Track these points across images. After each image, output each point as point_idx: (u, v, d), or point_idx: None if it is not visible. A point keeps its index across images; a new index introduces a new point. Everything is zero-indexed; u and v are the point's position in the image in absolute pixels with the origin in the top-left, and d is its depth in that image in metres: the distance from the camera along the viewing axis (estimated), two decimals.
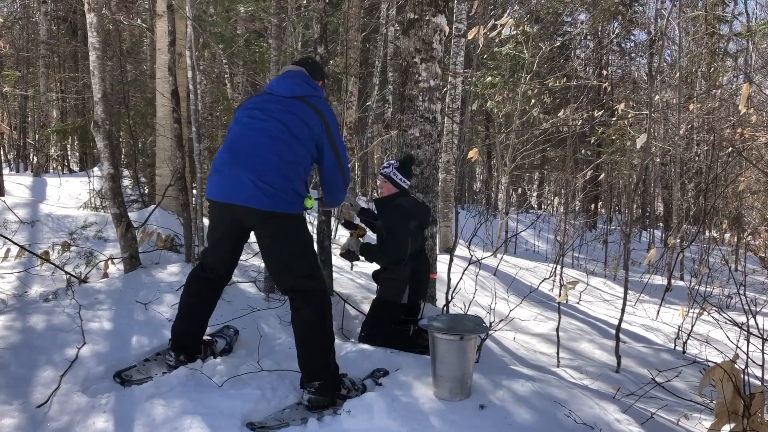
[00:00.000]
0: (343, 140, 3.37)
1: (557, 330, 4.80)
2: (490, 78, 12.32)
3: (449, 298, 4.52)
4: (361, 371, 3.29)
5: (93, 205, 7.77)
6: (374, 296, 4.47)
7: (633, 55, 20.95)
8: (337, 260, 5.63)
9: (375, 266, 4.29)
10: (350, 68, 9.71)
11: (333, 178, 3.30)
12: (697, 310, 5.55)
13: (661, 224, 19.06)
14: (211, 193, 3.07)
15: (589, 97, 12.88)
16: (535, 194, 23.98)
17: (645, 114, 11.67)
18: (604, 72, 17.50)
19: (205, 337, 3.45)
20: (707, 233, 12.80)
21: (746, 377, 2.59)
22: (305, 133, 3.07)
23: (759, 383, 3.06)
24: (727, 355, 4.03)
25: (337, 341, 3.73)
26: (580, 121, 12.96)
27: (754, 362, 3.22)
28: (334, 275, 4.92)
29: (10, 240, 4.79)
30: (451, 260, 4.83)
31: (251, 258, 5.31)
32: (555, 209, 21.46)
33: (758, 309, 3.93)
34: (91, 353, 3.34)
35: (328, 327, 3.04)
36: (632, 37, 21.20)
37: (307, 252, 3.09)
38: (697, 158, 14.21)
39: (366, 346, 3.69)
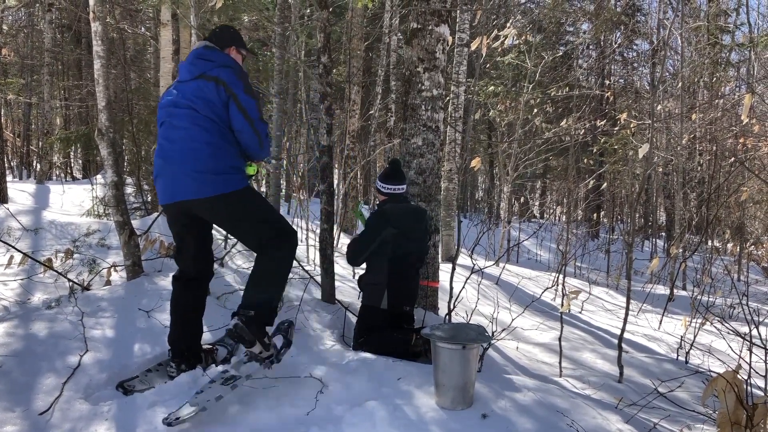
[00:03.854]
0: (258, 95, 3.28)
1: (559, 339, 4.79)
2: (492, 87, 12.35)
3: (451, 307, 4.51)
4: (361, 381, 3.25)
5: (96, 213, 7.78)
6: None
7: (635, 64, 20.99)
8: (339, 269, 5.64)
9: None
10: (353, 77, 9.75)
11: (248, 138, 3.15)
12: (699, 320, 5.53)
13: (663, 234, 19.04)
14: (161, 199, 3.16)
15: (591, 106, 12.91)
16: (537, 203, 23.99)
17: (647, 123, 11.69)
18: (607, 81, 17.55)
19: (206, 346, 3.46)
20: (710, 243, 12.78)
21: (749, 387, 2.59)
22: (214, 108, 3.06)
23: (761, 393, 3.06)
24: (729, 366, 4.02)
25: (338, 349, 3.74)
26: (583, 131, 12.98)
27: (756, 372, 3.21)
28: (336, 283, 4.92)
29: (13, 247, 4.80)
30: (454, 269, 4.82)
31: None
32: (557, 218, 21.45)
33: (761, 319, 3.91)
34: (94, 361, 3.34)
35: (289, 268, 3.13)
36: (635, 47, 21.22)
37: (267, 212, 3.16)
38: (699, 168, 14.20)
39: (368, 355, 3.67)
